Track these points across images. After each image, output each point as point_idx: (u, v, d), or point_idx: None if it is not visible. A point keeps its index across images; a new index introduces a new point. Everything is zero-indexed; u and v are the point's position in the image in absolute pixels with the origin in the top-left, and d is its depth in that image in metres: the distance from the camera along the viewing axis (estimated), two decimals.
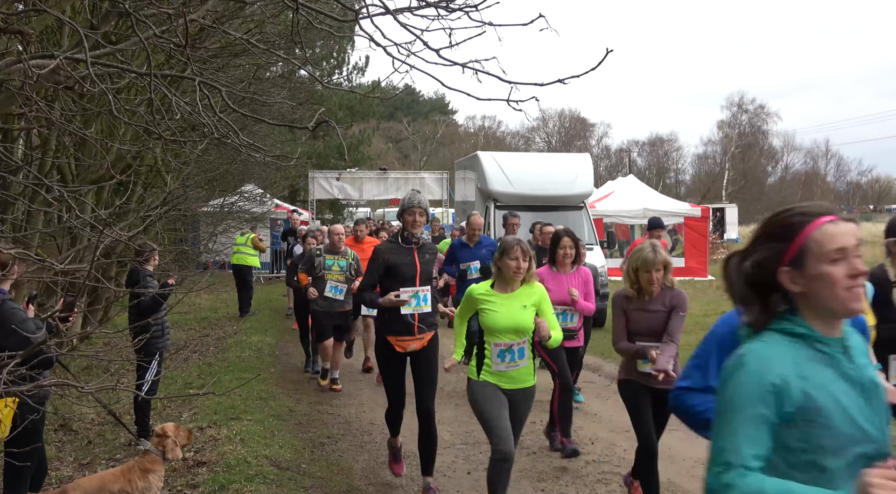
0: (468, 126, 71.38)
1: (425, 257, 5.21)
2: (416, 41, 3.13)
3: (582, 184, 14.76)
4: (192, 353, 9.85)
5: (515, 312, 4.42)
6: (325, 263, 8.17)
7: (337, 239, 8.30)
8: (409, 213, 5.11)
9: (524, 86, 3.05)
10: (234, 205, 15.55)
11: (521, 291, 4.50)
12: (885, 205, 65.47)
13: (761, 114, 61.17)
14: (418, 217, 5.10)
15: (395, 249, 5.12)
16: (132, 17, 2.98)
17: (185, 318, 12.98)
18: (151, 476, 4.34)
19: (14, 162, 4.89)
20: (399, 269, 5.04)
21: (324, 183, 20.99)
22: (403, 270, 5.05)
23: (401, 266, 5.05)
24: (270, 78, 10.33)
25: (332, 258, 8.24)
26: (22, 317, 3.84)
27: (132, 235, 4.47)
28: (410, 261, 5.09)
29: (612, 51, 2.72)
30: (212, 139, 3.86)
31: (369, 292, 5.13)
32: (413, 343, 5.06)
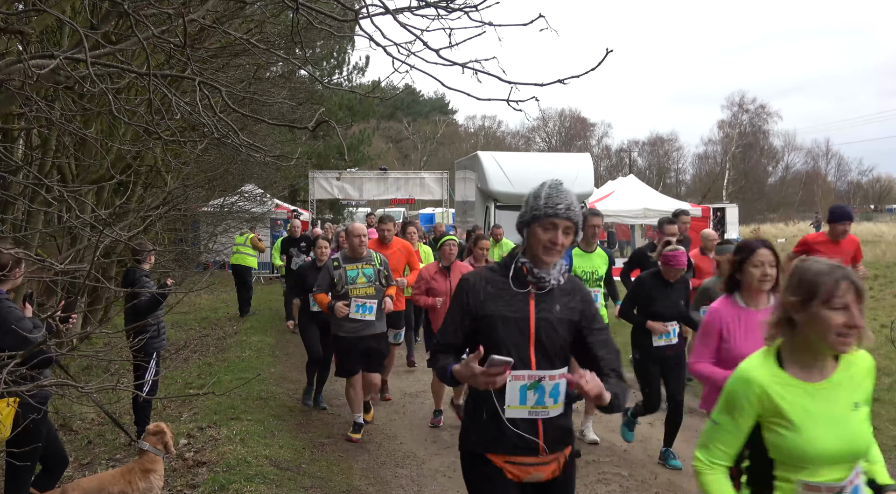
0: (468, 126, 71.46)
1: (554, 311, 2.75)
2: (416, 41, 3.13)
3: (582, 184, 14.78)
4: (192, 353, 9.85)
5: (843, 417, 2.30)
6: (346, 276, 6.31)
7: (358, 242, 6.37)
8: (545, 225, 2.70)
9: (524, 86, 3.05)
10: (234, 205, 15.55)
11: (839, 369, 2.33)
12: (885, 204, 65.47)
13: (762, 114, 61.26)
14: (561, 236, 2.68)
15: (496, 286, 2.76)
16: (132, 18, 2.98)
17: (185, 318, 12.98)
18: (152, 477, 4.34)
19: (14, 162, 4.89)
20: (498, 325, 2.70)
21: (324, 183, 20.99)
22: (507, 329, 2.70)
23: (507, 320, 2.71)
24: (270, 78, 10.33)
25: (354, 267, 6.35)
26: (19, 316, 3.83)
27: (132, 235, 4.47)
28: (523, 315, 2.72)
29: (612, 51, 2.73)
30: (212, 139, 3.86)
31: (446, 355, 2.81)
32: (538, 470, 2.74)
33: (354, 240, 6.37)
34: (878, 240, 30.31)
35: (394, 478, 5.55)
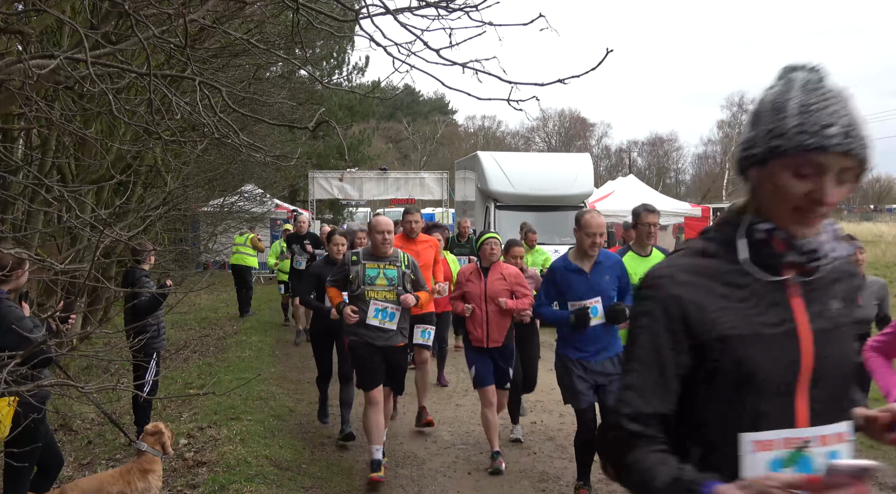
0: (468, 126, 71.46)
1: (832, 311, 1.66)
2: (416, 41, 3.13)
3: (582, 184, 14.77)
4: (192, 353, 9.84)
5: None
6: (364, 275, 5.42)
7: (381, 239, 5.44)
8: (799, 163, 1.43)
9: (524, 85, 3.05)
10: (234, 205, 15.55)
11: None
12: (885, 204, 65.53)
13: None
14: (831, 185, 1.47)
15: (724, 279, 1.52)
16: (132, 18, 2.98)
17: (185, 318, 12.97)
18: (151, 477, 4.34)
19: (14, 162, 4.89)
20: (753, 356, 1.46)
21: (324, 183, 20.98)
22: (768, 361, 1.47)
23: (765, 342, 1.48)
24: (270, 78, 10.33)
25: (374, 266, 5.46)
26: (19, 315, 3.83)
27: (132, 235, 4.46)
28: (787, 329, 1.64)
29: (612, 51, 2.72)
30: (212, 139, 3.86)
31: (652, 445, 1.48)
32: None
33: (378, 236, 5.39)
34: (878, 240, 30.31)
35: (394, 478, 5.55)
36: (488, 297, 5.80)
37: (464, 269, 6.24)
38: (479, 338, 5.81)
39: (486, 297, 5.81)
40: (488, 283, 5.87)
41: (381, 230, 5.42)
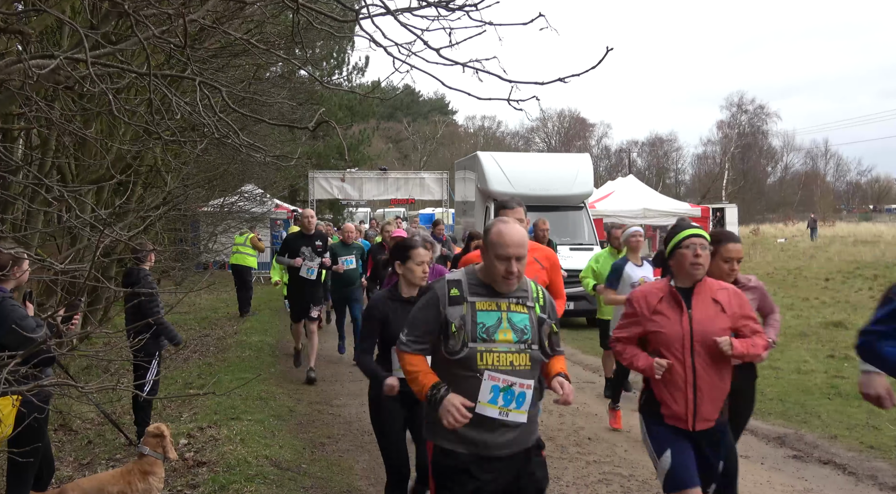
0: (468, 126, 71.50)
1: None
2: (416, 41, 3.13)
3: (582, 184, 14.77)
4: (192, 353, 9.84)
5: None
6: (474, 319, 2.96)
7: (509, 269, 2.96)
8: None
9: (525, 85, 3.05)
10: (234, 205, 15.55)
11: None
12: (884, 204, 65.56)
13: (761, 115, 61.38)
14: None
15: None
16: (132, 18, 2.98)
17: (185, 318, 12.97)
18: (151, 479, 4.34)
19: (14, 162, 4.89)
20: None
21: (324, 183, 20.99)
22: None
23: None
24: (270, 78, 10.32)
25: (492, 307, 3.01)
26: (22, 315, 3.83)
27: (132, 235, 4.47)
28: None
29: (612, 49, 2.73)
30: (212, 139, 3.86)
31: None
32: None
33: (502, 263, 2.93)
34: (878, 240, 30.31)
35: None
36: (696, 342, 3.47)
37: (642, 293, 3.67)
38: (680, 415, 3.48)
39: (693, 342, 3.47)
40: (696, 316, 3.50)
41: (510, 245, 2.90)
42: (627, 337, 3.64)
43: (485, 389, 2.91)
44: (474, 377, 2.91)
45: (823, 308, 14.25)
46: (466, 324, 2.93)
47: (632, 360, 3.61)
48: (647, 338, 3.59)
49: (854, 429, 6.54)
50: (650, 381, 3.58)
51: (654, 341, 3.54)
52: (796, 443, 6.21)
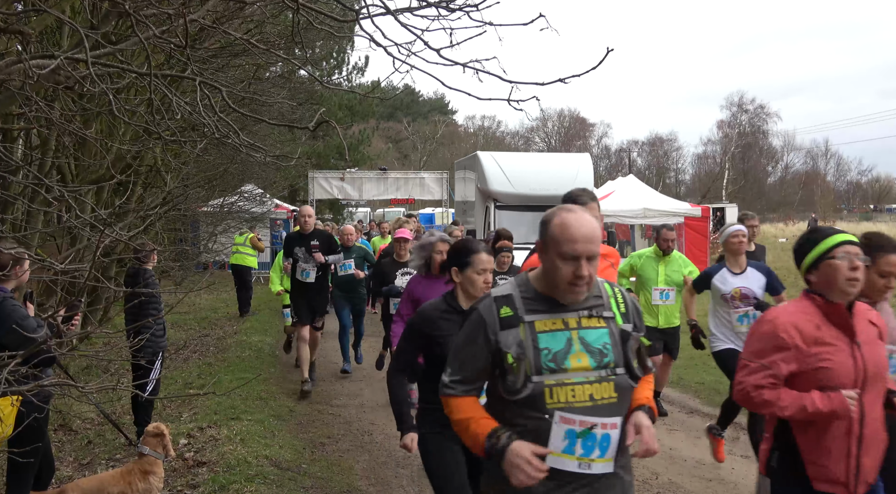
0: (468, 126, 71.49)
1: None
2: (416, 41, 3.13)
3: (582, 184, 14.75)
4: (192, 353, 9.84)
5: None
6: (535, 345, 2.26)
7: (577, 273, 2.25)
8: None
9: (525, 85, 3.05)
10: (234, 205, 15.55)
11: None
12: (885, 204, 65.57)
13: (761, 114, 61.37)
14: None
15: None
16: (132, 18, 2.98)
17: (185, 318, 12.98)
18: (151, 478, 4.34)
19: (14, 162, 4.89)
20: None
21: (324, 183, 21.00)
22: None
23: None
24: (270, 78, 10.32)
25: (558, 325, 2.30)
26: (23, 315, 3.83)
27: (132, 235, 4.47)
28: None
29: (612, 50, 2.72)
30: (212, 139, 3.86)
31: None
32: None
33: (567, 265, 2.24)
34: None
35: (394, 478, 5.55)
36: (868, 379, 2.68)
37: (789, 320, 2.73)
38: (838, 477, 2.64)
39: (867, 379, 2.68)
40: (866, 349, 2.71)
41: (579, 240, 2.22)
42: (775, 380, 2.67)
43: (557, 436, 2.18)
44: (543, 419, 2.19)
45: None
46: (527, 352, 2.23)
47: (796, 407, 2.62)
48: (796, 379, 2.68)
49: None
50: (791, 431, 2.71)
51: (811, 381, 2.65)
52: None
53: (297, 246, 8.09)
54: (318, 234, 8.20)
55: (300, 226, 8.37)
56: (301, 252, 8.04)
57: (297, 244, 8.11)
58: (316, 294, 8.23)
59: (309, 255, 8.00)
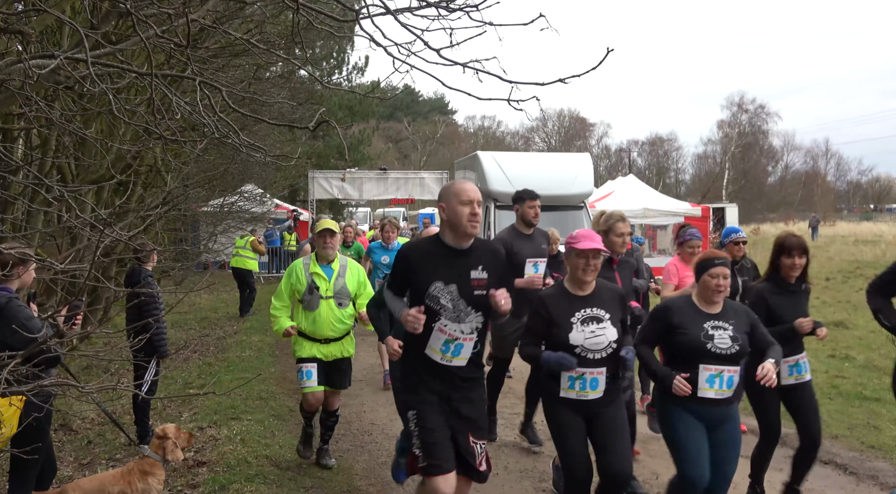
0: (468, 126, 71.51)
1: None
2: (416, 41, 3.13)
3: (582, 184, 14.76)
4: (192, 353, 9.84)
5: None
6: None
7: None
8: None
9: (525, 85, 3.05)
10: (234, 205, 15.54)
11: None
12: (885, 204, 65.58)
13: (761, 114, 61.34)
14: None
15: None
16: (132, 17, 2.98)
17: (185, 318, 12.98)
18: (151, 479, 4.34)
19: (14, 162, 4.89)
20: None
21: (324, 183, 20.99)
22: None
23: None
24: (270, 78, 10.33)
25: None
26: (28, 315, 3.83)
27: (132, 235, 4.46)
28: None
29: (612, 50, 2.73)
30: (212, 139, 3.85)
31: None
32: None
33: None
34: (878, 240, 30.31)
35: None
36: None
37: None
38: None
39: None
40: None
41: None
42: None
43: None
44: None
45: (824, 307, 14.24)
46: None
47: None
48: None
49: (855, 429, 6.54)
50: None
51: None
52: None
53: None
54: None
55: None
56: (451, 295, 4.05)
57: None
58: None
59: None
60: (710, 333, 3.91)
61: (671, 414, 3.99)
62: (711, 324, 3.93)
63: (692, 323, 3.95)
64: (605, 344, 3.81)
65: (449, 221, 3.56)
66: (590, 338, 3.79)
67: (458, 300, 3.52)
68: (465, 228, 3.51)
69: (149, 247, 5.98)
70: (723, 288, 3.94)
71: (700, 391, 3.89)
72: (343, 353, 5.58)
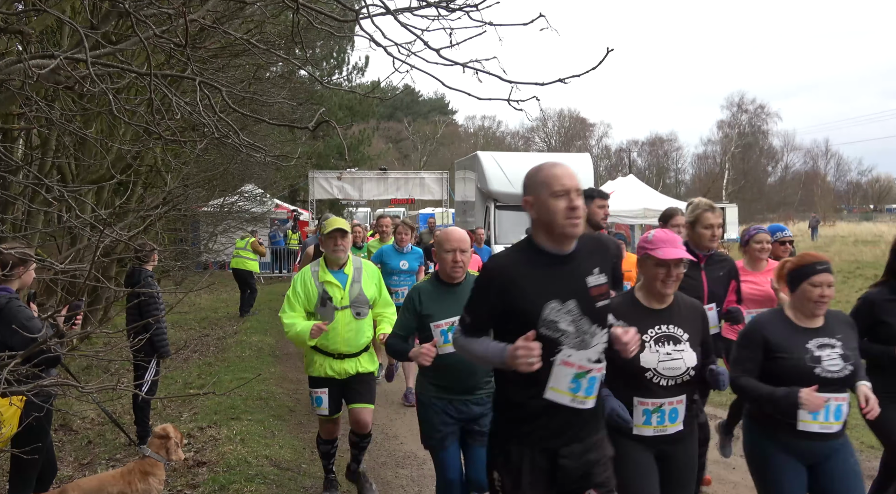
0: (468, 126, 71.51)
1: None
2: (416, 41, 3.13)
3: (582, 184, 14.76)
4: (192, 353, 9.85)
5: None
6: None
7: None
8: None
9: (525, 85, 3.05)
10: (234, 205, 15.55)
11: None
12: (885, 204, 65.60)
13: (761, 114, 61.35)
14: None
15: None
16: (132, 17, 2.98)
17: (185, 318, 12.98)
18: (152, 479, 4.34)
19: (14, 162, 4.89)
20: None
21: (324, 183, 21.00)
22: None
23: None
24: (270, 78, 10.33)
25: None
26: (28, 315, 3.83)
27: (132, 235, 4.47)
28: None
29: (612, 50, 2.72)
30: (212, 139, 3.86)
31: None
32: None
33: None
34: (878, 240, 30.30)
35: (394, 478, 5.54)
36: None
37: None
38: None
39: None
40: None
41: None
42: None
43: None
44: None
45: None
46: None
47: None
48: None
49: (854, 429, 6.52)
50: None
51: None
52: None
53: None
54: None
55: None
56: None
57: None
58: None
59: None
60: (816, 355, 3.25)
61: (766, 455, 3.37)
62: (816, 343, 3.28)
63: (792, 343, 3.28)
64: (683, 370, 3.12)
65: (540, 220, 2.71)
66: (665, 361, 3.11)
67: (580, 319, 2.68)
68: (564, 228, 2.65)
69: (149, 247, 5.97)
70: (828, 300, 3.30)
71: (801, 424, 3.23)
72: (360, 369, 4.82)
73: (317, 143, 25.60)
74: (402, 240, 7.52)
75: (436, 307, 3.91)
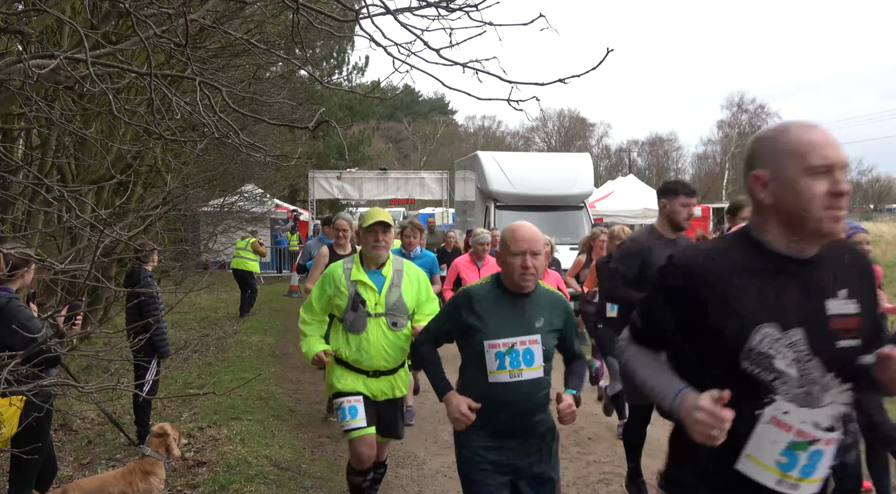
0: (468, 126, 71.52)
1: None
2: (416, 41, 3.13)
3: (582, 184, 14.78)
4: (192, 353, 9.85)
5: None
6: None
7: None
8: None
9: (525, 85, 3.05)
10: (234, 205, 15.56)
11: None
12: (885, 204, 65.62)
13: (761, 114, 61.37)
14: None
15: None
16: (132, 17, 2.98)
17: (185, 318, 12.98)
18: (152, 479, 4.34)
19: (14, 162, 4.89)
20: None
21: (324, 183, 21.01)
22: None
23: None
24: (270, 78, 10.33)
25: None
26: (28, 315, 3.83)
27: (132, 235, 4.47)
28: None
29: (612, 50, 2.72)
30: (212, 139, 3.86)
31: None
32: None
33: None
34: (878, 240, 30.29)
35: (394, 479, 5.54)
36: None
37: None
38: None
39: None
40: None
41: None
42: None
43: None
44: None
45: None
46: None
47: None
48: None
49: None
50: None
51: None
52: None
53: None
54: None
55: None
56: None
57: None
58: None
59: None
60: None
61: None
62: None
63: None
64: None
65: (780, 207, 1.83)
66: None
67: (806, 360, 1.81)
68: (821, 223, 1.79)
69: (149, 247, 5.97)
70: None
71: None
72: (396, 393, 4.19)
73: (317, 143, 25.61)
74: (410, 243, 6.58)
75: (493, 321, 3.04)
